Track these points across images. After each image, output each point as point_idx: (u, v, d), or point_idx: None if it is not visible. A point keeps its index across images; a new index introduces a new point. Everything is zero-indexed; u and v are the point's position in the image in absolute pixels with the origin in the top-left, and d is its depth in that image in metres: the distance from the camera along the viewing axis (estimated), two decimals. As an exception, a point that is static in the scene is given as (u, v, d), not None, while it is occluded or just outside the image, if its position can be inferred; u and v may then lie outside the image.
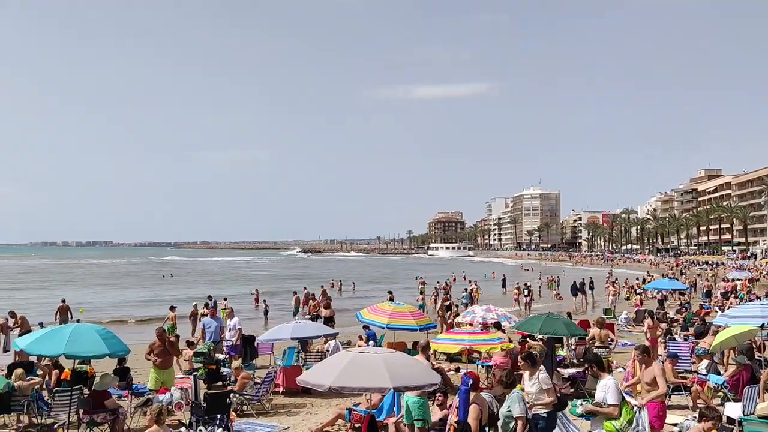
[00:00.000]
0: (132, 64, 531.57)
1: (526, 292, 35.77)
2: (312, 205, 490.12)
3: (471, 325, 18.34)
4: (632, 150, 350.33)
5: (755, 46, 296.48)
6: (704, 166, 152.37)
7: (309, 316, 25.85)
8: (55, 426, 8.64)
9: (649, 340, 16.02)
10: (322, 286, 38.49)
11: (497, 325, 16.32)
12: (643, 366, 9.18)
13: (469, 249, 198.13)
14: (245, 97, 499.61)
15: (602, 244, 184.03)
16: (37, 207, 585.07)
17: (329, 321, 22.43)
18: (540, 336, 15.08)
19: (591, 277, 42.49)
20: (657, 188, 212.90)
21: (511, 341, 14.92)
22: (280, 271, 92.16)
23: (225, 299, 28.27)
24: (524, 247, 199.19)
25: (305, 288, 33.72)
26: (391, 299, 27.77)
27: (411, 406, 9.08)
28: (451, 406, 9.11)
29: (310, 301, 29.00)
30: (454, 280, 55.48)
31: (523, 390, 8.27)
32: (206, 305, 25.29)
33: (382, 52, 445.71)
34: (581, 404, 8.15)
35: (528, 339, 15.58)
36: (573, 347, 16.42)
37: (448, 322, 22.44)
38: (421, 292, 40.11)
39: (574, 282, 38.56)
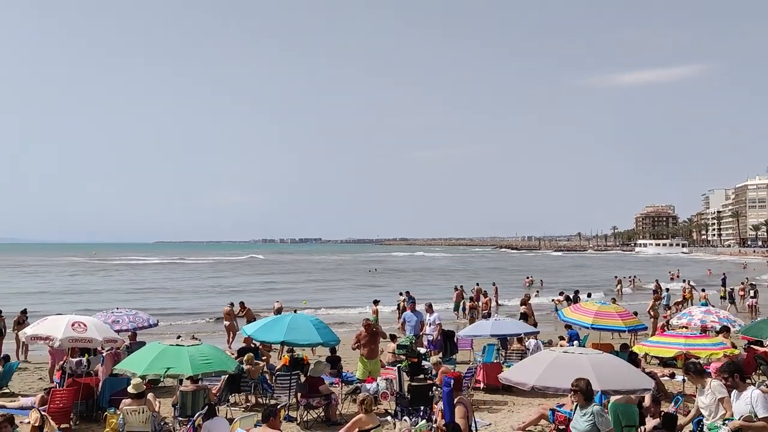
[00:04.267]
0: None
1: (752, 293, 32.14)
2: (508, 201, 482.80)
3: (686, 327, 16.91)
4: None
5: None
6: None
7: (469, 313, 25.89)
8: (278, 407, 9.49)
9: None
10: (493, 284, 37.88)
11: (724, 330, 14.82)
12: None
13: (683, 245, 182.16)
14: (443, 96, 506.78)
15: None
16: (256, 208, 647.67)
17: (524, 318, 22.03)
18: (771, 343, 13.49)
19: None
20: None
21: (735, 347, 13.50)
22: (478, 266, 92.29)
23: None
24: (749, 243, 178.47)
25: (477, 284, 33.38)
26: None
27: (621, 415, 8.58)
28: (438, 410, 9.03)
29: (472, 298, 28.72)
30: (672, 278, 51.65)
31: None
32: (404, 300, 26.18)
33: (582, 38, 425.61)
34: (724, 422, 7.10)
35: (754, 345, 14.04)
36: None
37: (660, 324, 20.91)
38: (618, 291, 37.95)
39: None
